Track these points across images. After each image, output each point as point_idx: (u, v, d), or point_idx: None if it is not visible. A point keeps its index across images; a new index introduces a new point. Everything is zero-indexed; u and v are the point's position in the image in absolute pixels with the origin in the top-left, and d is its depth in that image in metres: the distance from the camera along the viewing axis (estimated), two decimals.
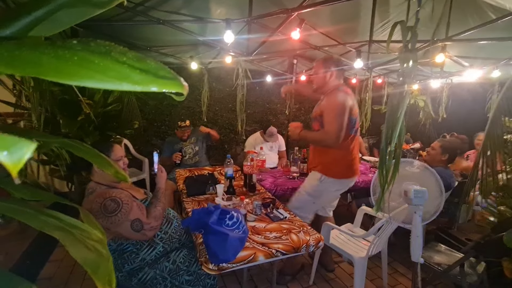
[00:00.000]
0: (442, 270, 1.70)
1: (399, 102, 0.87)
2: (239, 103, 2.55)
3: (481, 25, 1.99)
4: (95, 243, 0.59)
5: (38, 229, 0.49)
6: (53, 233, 0.51)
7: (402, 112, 0.87)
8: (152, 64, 0.32)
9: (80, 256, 0.54)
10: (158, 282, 1.37)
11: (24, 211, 0.51)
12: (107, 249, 0.60)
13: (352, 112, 1.78)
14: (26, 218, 0.50)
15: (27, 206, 0.52)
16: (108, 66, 0.29)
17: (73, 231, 0.57)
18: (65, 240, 0.52)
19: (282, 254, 1.33)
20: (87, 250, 0.56)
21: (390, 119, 0.89)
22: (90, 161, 0.62)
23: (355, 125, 1.84)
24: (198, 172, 2.55)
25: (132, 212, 1.26)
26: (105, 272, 0.57)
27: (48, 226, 0.51)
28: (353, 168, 1.91)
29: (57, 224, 0.54)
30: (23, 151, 0.18)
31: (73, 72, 0.27)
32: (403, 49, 0.86)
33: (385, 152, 0.92)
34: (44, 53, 0.27)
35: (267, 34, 2.19)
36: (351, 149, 1.87)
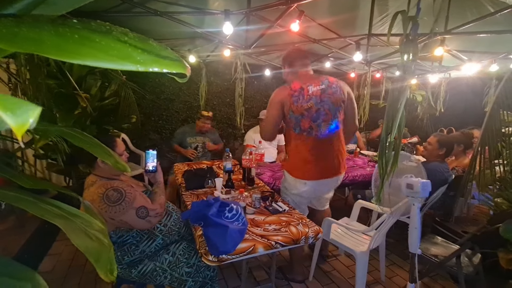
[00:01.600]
0: (439, 262, 1.72)
1: (399, 93, 0.87)
2: (237, 96, 2.53)
3: (479, 18, 1.99)
4: (96, 232, 0.59)
5: (39, 216, 0.49)
6: (54, 221, 0.50)
7: (402, 103, 0.87)
8: (154, 44, 0.31)
9: (82, 245, 0.54)
10: (158, 274, 1.38)
11: (24, 198, 0.51)
12: (109, 238, 0.60)
13: (292, 109, 1.65)
14: (27, 205, 0.49)
15: (28, 194, 0.52)
16: (110, 45, 0.28)
17: (74, 219, 0.57)
18: (67, 228, 0.52)
19: (282, 245, 1.34)
20: (88, 239, 0.56)
21: (390, 110, 0.89)
22: (90, 151, 0.61)
23: (299, 124, 1.68)
24: (197, 166, 2.55)
25: (136, 200, 1.26)
26: (106, 261, 0.57)
27: (49, 214, 0.51)
28: (310, 170, 1.74)
29: (58, 212, 0.54)
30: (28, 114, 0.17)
31: (74, 50, 0.27)
32: (403, 40, 0.86)
33: (385, 143, 0.92)
34: (44, 29, 0.26)
35: (266, 26, 2.17)
36: (301, 150, 1.73)
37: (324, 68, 3.58)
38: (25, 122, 0.17)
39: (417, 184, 1.40)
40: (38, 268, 2.09)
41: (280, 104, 1.67)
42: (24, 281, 0.44)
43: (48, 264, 2.12)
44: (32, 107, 0.19)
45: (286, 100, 1.66)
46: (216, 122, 4.33)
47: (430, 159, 2.28)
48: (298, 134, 1.70)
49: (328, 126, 1.70)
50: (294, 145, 1.77)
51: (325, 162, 1.75)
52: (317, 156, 1.72)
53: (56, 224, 0.50)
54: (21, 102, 0.18)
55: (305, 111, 1.65)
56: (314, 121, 1.67)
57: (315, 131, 1.68)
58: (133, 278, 1.39)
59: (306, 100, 1.64)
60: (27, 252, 2.11)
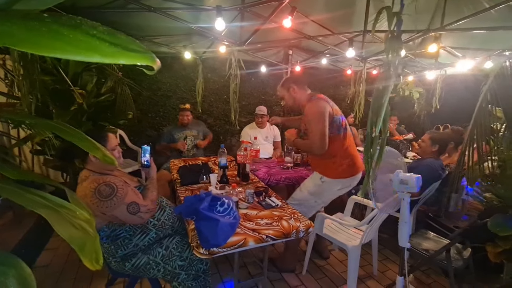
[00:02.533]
0: (429, 256, 1.75)
1: (384, 88, 0.88)
2: (232, 93, 2.55)
3: (474, 14, 1.99)
4: (81, 222, 0.61)
5: (24, 206, 0.51)
6: (39, 211, 0.52)
7: (386, 98, 0.88)
8: (122, 37, 0.33)
9: (66, 234, 0.55)
10: (151, 267, 1.40)
11: (9, 188, 0.53)
12: (94, 228, 0.62)
13: (333, 114, 1.82)
14: (12, 195, 0.51)
15: (13, 184, 0.54)
16: (78, 38, 0.30)
17: (59, 210, 0.58)
18: (51, 217, 0.54)
19: (272, 239, 1.36)
20: (73, 228, 0.58)
21: (375, 105, 0.91)
22: (78, 145, 0.62)
23: (341, 124, 1.86)
24: (192, 162, 2.57)
25: (127, 196, 1.28)
26: (91, 249, 0.58)
27: (34, 204, 0.52)
28: (355, 166, 1.91)
29: (43, 202, 0.55)
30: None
31: (44, 43, 0.28)
32: (388, 36, 0.87)
33: (370, 138, 0.94)
34: (15, 23, 0.28)
35: (260, 23, 2.18)
36: (345, 148, 1.89)
37: (320, 65, 3.59)
38: None
39: (412, 180, 1.42)
40: (35, 262, 2.11)
41: (327, 113, 1.79)
42: (7, 266, 0.46)
43: (45, 259, 2.15)
44: None
45: (327, 107, 1.80)
46: (213, 119, 4.34)
47: (424, 156, 2.30)
48: (337, 134, 1.85)
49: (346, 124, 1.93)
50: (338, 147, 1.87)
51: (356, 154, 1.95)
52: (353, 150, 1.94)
53: (41, 214, 0.52)
54: None
55: (338, 111, 1.88)
56: (344, 120, 1.91)
57: (347, 126, 1.92)
58: (126, 271, 1.41)
59: (332, 104, 1.86)
60: (24, 247, 2.13)
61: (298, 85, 1.95)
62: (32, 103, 1.60)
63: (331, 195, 1.98)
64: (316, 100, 1.83)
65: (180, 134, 3.02)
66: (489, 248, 1.52)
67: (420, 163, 2.27)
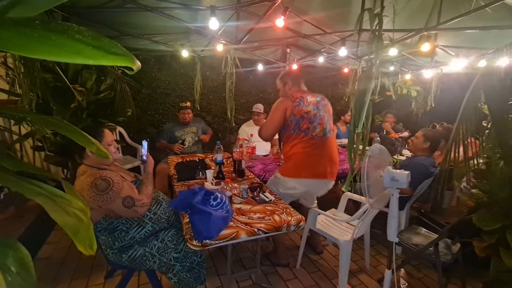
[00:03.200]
0: (418, 250, 1.79)
1: (365, 87, 0.92)
2: (228, 91, 2.59)
3: (469, 12, 2.00)
4: (76, 210, 0.66)
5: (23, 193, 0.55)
6: (35, 198, 0.56)
7: (368, 96, 0.92)
8: (105, 41, 0.37)
9: (61, 220, 0.60)
10: (147, 259, 1.46)
11: (8, 178, 0.57)
12: (89, 217, 0.67)
13: (294, 112, 1.87)
14: (11, 184, 0.56)
15: (10, 173, 0.58)
16: (64, 42, 0.34)
17: (54, 198, 0.63)
18: (47, 205, 0.58)
19: (264, 232, 1.41)
20: (67, 215, 0.63)
21: (357, 103, 0.94)
22: (73, 139, 0.67)
23: (299, 126, 1.88)
24: (190, 158, 2.62)
25: (123, 190, 1.33)
26: (85, 236, 0.63)
27: (31, 192, 0.57)
28: (314, 169, 1.89)
29: (40, 191, 0.60)
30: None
31: (33, 47, 0.33)
32: (370, 36, 0.91)
33: (353, 135, 0.98)
34: (7, 29, 0.32)
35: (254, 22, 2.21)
36: (309, 149, 1.88)
37: (317, 63, 3.61)
38: None
39: (403, 176, 1.47)
40: (37, 255, 2.18)
41: (284, 110, 1.89)
42: (6, 247, 0.50)
43: (46, 252, 2.21)
44: None
45: (289, 106, 1.89)
46: (212, 116, 4.39)
47: (416, 152, 2.34)
48: (297, 134, 1.91)
49: (323, 130, 1.92)
50: (291, 146, 1.94)
51: (317, 163, 1.92)
52: (311, 156, 1.90)
53: (37, 201, 0.57)
54: None
55: (304, 113, 1.88)
56: (311, 123, 1.89)
57: (311, 131, 1.90)
58: (123, 263, 1.47)
59: (305, 105, 1.89)
60: (26, 240, 2.19)
61: (294, 82, 2.03)
62: (33, 100, 1.65)
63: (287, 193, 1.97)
64: (284, 97, 1.96)
65: (181, 132, 3.05)
66: (475, 242, 1.56)
67: (412, 161, 2.31)
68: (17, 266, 0.52)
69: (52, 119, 0.66)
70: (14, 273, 0.50)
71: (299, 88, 2.03)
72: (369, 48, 0.93)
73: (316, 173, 1.92)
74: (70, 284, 1.86)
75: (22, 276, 0.50)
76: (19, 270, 0.51)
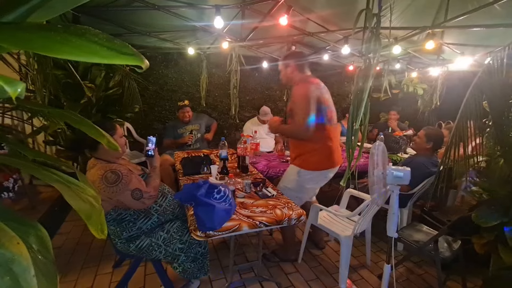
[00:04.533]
0: (418, 246, 1.81)
1: (363, 83, 0.95)
2: (232, 88, 2.63)
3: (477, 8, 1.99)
4: (88, 197, 0.71)
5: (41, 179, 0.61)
6: (54, 184, 0.62)
7: (366, 93, 0.95)
8: (117, 43, 0.42)
9: (76, 205, 0.65)
10: (154, 249, 1.52)
11: (29, 165, 0.63)
12: (100, 204, 0.72)
13: (321, 101, 1.77)
14: (31, 170, 0.61)
15: (32, 162, 0.64)
16: (83, 44, 0.39)
17: (70, 185, 0.69)
18: (63, 190, 0.64)
19: (265, 225, 1.45)
20: (82, 201, 0.68)
21: (355, 100, 0.98)
22: (85, 132, 0.72)
23: (326, 114, 1.82)
24: (195, 153, 2.68)
25: (131, 182, 1.39)
26: (97, 220, 0.68)
27: (50, 178, 0.62)
28: (332, 158, 1.90)
29: (57, 178, 0.66)
30: (18, 85, 0.28)
31: (56, 48, 0.37)
32: (368, 34, 0.94)
33: (351, 131, 1.01)
34: (34, 33, 0.37)
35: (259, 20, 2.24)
36: (328, 139, 1.86)
37: (322, 61, 3.62)
38: (16, 89, 0.28)
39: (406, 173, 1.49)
40: None
41: (317, 98, 1.74)
42: (28, 227, 0.56)
43: (57, 241, 2.31)
44: (20, 82, 0.30)
45: (318, 93, 1.75)
46: (217, 113, 4.44)
47: (418, 152, 2.35)
48: (324, 124, 1.82)
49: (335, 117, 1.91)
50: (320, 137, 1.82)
51: (337, 149, 1.93)
52: (335, 145, 1.90)
53: (55, 187, 0.62)
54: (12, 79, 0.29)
55: (327, 101, 1.82)
56: (332, 111, 1.86)
57: (333, 120, 1.87)
58: (131, 252, 1.54)
59: (325, 91, 1.83)
60: None
61: (298, 65, 1.87)
62: (46, 96, 1.72)
63: (309, 188, 1.97)
64: (306, 83, 1.77)
65: (183, 130, 3.11)
66: (475, 239, 1.57)
67: (412, 160, 2.32)
68: (38, 244, 0.57)
69: (68, 113, 0.71)
70: (35, 250, 0.55)
71: (306, 71, 1.89)
72: (367, 46, 0.96)
73: (336, 162, 1.93)
74: (81, 272, 1.95)
75: (42, 253, 0.56)
76: (40, 248, 0.57)
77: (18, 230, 0.55)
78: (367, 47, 0.94)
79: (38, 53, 0.36)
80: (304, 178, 1.92)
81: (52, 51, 0.37)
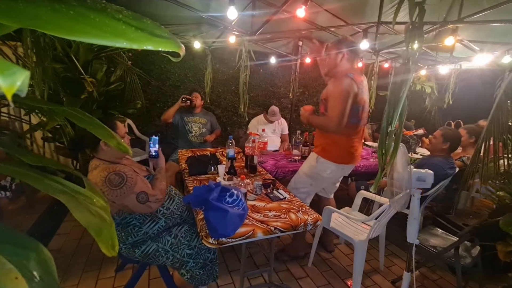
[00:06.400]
0: (437, 252, 1.74)
1: (402, 82, 0.86)
2: (242, 84, 2.52)
3: (495, 6, 1.91)
4: (98, 209, 0.61)
5: (44, 191, 0.51)
6: (58, 196, 0.53)
7: (405, 90, 0.86)
8: (148, 22, 0.32)
9: (84, 220, 0.56)
10: (160, 255, 1.43)
11: (31, 175, 0.53)
12: (110, 215, 0.62)
13: (357, 100, 1.74)
14: (33, 181, 0.52)
15: (34, 171, 0.54)
16: (104, 22, 0.29)
17: (76, 196, 0.59)
18: (69, 203, 0.54)
19: (280, 231, 1.36)
20: (90, 214, 0.58)
21: (392, 99, 0.88)
22: (93, 132, 0.63)
23: (358, 114, 1.79)
24: (201, 152, 2.58)
25: (137, 185, 1.29)
26: (108, 236, 0.59)
27: (53, 189, 0.53)
28: (353, 155, 1.90)
29: (62, 188, 0.56)
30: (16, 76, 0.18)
31: (69, 26, 0.27)
32: (409, 27, 0.84)
33: (385, 132, 0.92)
34: (41, 5, 0.27)
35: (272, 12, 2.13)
36: (353, 136, 1.86)
37: None
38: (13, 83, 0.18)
39: (430, 177, 1.41)
40: (47, 246, 2.18)
41: (354, 95, 1.71)
42: (29, 250, 0.46)
43: (56, 243, 2.21)
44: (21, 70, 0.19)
45: (357, 92, 1.73)
46: (221, 110, 4.34)
47: (434, 153, 2.26)
48: (354, 124, 1.81)
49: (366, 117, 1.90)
50: (345, 134, 1.83)
51: (360, 148, 1.96)
52: (359, 143, 1.93)
53: (60, 199, 0.53)
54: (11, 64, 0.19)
55: (363, 102, 1.80)
56: (365, 112, 1.84)
57: (363, 121, 1.87)
58: (136, 258, 1.44)
59: (364, 92, 1.80)
60: (36, 231, 2.20)
61: (351, 55, 1.81)
62: (45, 90, 1.61)
63: (324, 177, 1.98)
64: (351, 79, 1.71)
65: (190, 119, 2.96)
66: (500, 246, 1.49)
67: (428, 161, 2.23)
68: (41, 269, 0.48)
69: (73, 111, 0.61)
70: (37, 278, 0.46)
71: (357, 64, 1.86)
72: (407, 40, 0.86)
73: (354, 159, 1.93)
74: (81, 277, 1.85)
75: (45, 281, 0.47)
76: (43, 274, 0.48)
77: (17, 255, 0.45)
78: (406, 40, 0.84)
79: (46, 32, 0.26)
80: (322, 166, 1.93)
81: (65, 31, 0.27)
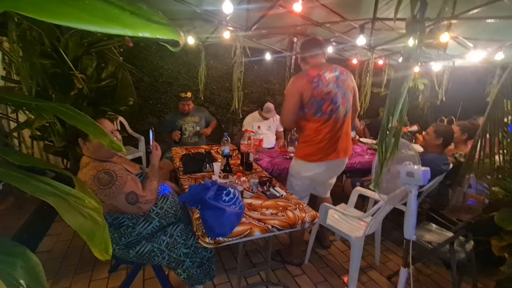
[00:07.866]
0: (433, 248, 1.75)
1: (403, 78, 0.84)
2: (236, 80, 2.48)
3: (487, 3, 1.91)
4: (90, 211, 0.58)
5: (30, 193, 0.48)
6: (46, 198, 0.49)
7: (405, 88, 0.85)
8: (144, 7, 0.29)
9: (76, 223, 0.53)
10: (156, 255, 1.40)
11: (14, 175, 0.49)
12: (103, 217, 0.59)
13: (313, 94, 1.72)
14: (17, 182, 0.48)
15: (19, 171, 0.51)
16: (95, 5, 0.26)
17: (67, 198, 0.55)
18: (59, 206, 0.51)
19: (278, 229, 1.35)
20: (82, 217, 0.55)
21: (392, 96, 0.87)
22: (83, 130, 0.59)
23: (321, 107, 1.75)
24: (195, 150, 2.54)
25: (126, 185, 1.25)
26: (101, 239, 0.56)
27: (40, 191, 0.49)
28: (326, 152, 1.84)
29: (50, 190, 0.52)
30: None
31: (55, 9, 0.24)
32: (411, 20, 0.82)
33: (385, 128, 0.90)
34: None
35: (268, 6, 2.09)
36: (324, 130, 1.80)
37: None
38: None
39: (418, 172, 1.40)
40: (37, 248, 2.11)
41: (299, 94, 1.75)
42: (14, 256, 0.43)
43: (47, 244, 2.15)
44: None
45: (305, 87, 1.73)
46: (215, 107, 4.29)
47: (428, 149, 2.27)
48: (320, 117, 1.79)
49: (344, 109, 1.84)
50: (313, 130, 1.83)
51: (339, 143, 1.88)
52: (334, 138, 1.85)
53: (48, 202, 0.49)
54: None
55: (325, 95, 1.75)
56: (334, 104, 1.78)
57: (335, 113, 1.80)
58: (131, 259, 1.41)
59: (325, 85, 1.74)
60: (26, 232, 2.13)
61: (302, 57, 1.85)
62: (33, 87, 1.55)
63: (305, 178, 1.94)
64: (296, 77, 1.78)
65: (182, 121, 2.96)
66: (494, 241, 1.51)
67: (422, 158, 2.24)
68: (28, 277, 0.44)
69: (63, 108, 0.58)
70: (24, 287, 0.42)
71: (316, 61, 1.82)
72: (408, 35, 0.84)
73: (339, 154, 1.89)
74: (73, 279, 1.80)
75: None
76: (30, 283, 0.44)
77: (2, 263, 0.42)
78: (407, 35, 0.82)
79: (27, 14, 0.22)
80: (299, 165, 1.94)
81: (51, 15, 0.24)
